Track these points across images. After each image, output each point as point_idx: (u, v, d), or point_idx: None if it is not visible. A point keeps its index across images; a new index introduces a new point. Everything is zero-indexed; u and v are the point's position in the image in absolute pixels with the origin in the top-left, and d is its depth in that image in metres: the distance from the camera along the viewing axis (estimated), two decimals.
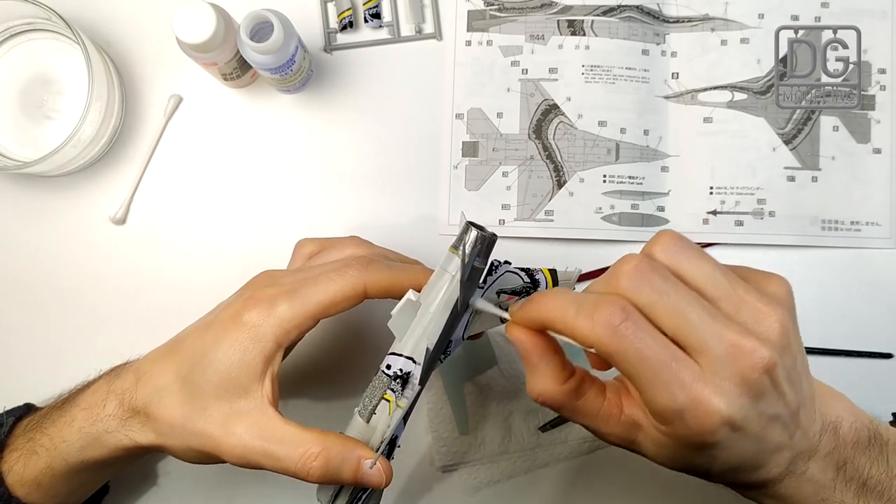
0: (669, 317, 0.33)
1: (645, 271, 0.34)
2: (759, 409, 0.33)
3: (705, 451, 0.34)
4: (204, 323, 0.44)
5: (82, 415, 0.43)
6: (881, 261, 0.58)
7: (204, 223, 0.59)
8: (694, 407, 0.32)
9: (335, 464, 0.40)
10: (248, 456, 0.40)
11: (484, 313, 0.41)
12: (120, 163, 0.59)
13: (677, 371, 0.32)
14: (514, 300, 0.42)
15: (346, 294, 0.42)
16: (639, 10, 0.59)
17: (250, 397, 0.41)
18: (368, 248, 0.49)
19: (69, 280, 0.58)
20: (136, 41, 0.60)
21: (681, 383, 0.32)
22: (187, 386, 0.41)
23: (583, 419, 0.38)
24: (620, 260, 0.35)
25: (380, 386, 0.41)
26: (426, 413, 0.57)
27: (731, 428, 0.33)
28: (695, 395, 0.32)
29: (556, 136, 0.59)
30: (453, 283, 0.40)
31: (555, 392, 0.37)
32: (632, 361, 0.32)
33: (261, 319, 0.41)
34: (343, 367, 0.58)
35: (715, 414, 0.32)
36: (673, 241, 0.35)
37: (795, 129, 0.59)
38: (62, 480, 0.44)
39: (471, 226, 0.39)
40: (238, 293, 0.45)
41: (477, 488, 0.57)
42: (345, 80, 0.60)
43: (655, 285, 0.34)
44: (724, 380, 0.33)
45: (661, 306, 0.33)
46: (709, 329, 0.33)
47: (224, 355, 0.41)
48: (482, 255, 0.39)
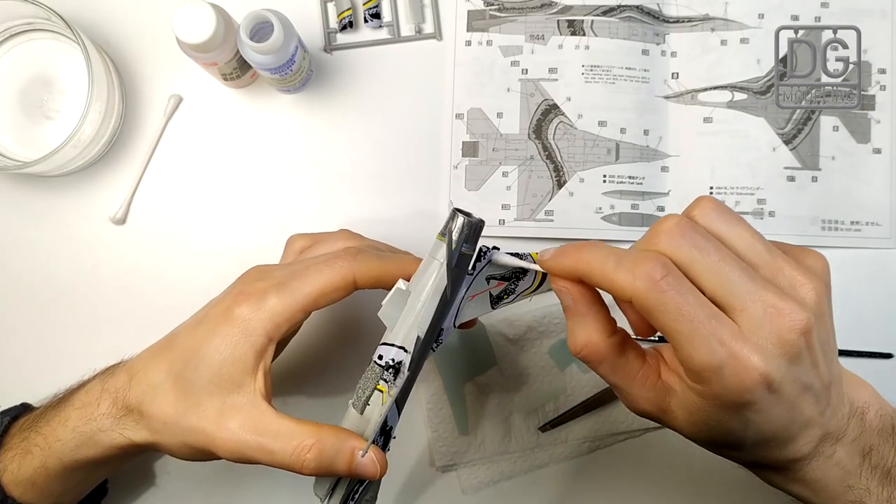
0: (709, 275, 0.34)
1: (685, 229, 0.34)
2: (794, 374, 0.33)
3: (740, 413, 0.34)
4: (196, 319, 0.44)
5: (76, 414, 0.43)
6: (881, 261, 0.58)
7: (204, 223, 0.59)
8: (732, 363, 0.32)
9: (329, 455, 0.40)
10: (242, 450, 0.40)
11: (473, 304, 0.41)
12: (120, 163, 0.59)
13: (716, 327, 0.33)
14: (503, 285, 0.43)
15: (335, 285, 0.42)
16: (639, 10, 0.59)
17: (243, 392, 0.41)
18: (359, 240, 0.49)
19: (69, 280, 0.58)
20: (136, 41, 0.60)
21: (719, 339, 0.32)
22: (180, 383, 0.41)
23: (619, 379, 0.38)
24: (661, 219, 0.35)
25: (372, 377, 0.41)
26: (426, 413, 0.57)
27: (767, 387, 0.33)
28: (733, 350, 0.32)
29: (556, 136, 0.59)
30: (442, 270, 0.40)
31: (601, 344, 0.37)
32: (672, 316, 0.33)
33: (251, 313, 0.41)
34: (336, 361, 0.58)
35: (753, 370, 0.32)
36: (713, 206, 0.36)
37: (795, 129, 0.59)
38: (57, 480, 0.44)
39: (457, 212, 0.39)
40: (229, 288, 0.45)
41: (477, 488, 0.57)
42: (345, 80, 0.60)
43: (696, 243, 0.34)
44: (762, 339, 0.33)
45: (700, 265, 0.34)
46: (748, 289, 0.33)
47: (216, 350, 0.41)
48: (470, 240, 0.39)
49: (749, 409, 0.34)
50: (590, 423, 0.57)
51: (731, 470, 0.57)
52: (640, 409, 0.38)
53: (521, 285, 0.43)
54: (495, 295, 0.43)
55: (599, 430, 0.57)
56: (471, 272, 0.41)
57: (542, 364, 0.58)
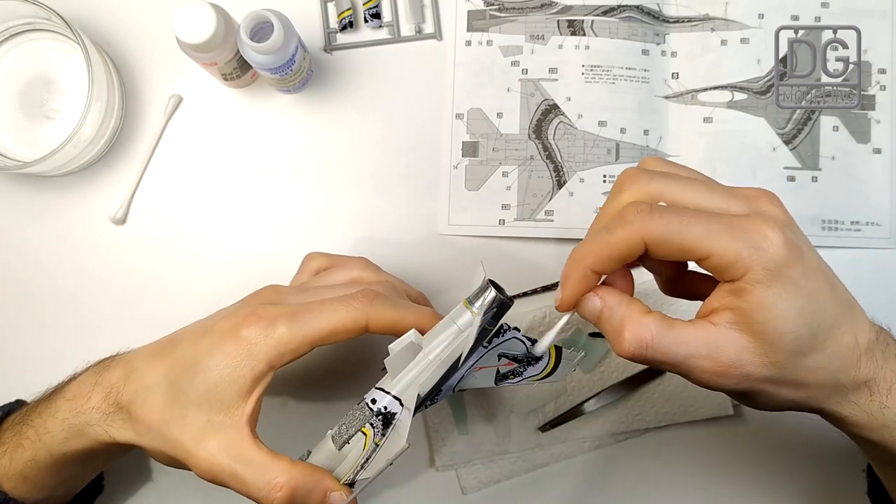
0: (684, 194, 0.36)
1: (641, 171, 0.37)
2: (801, 241, 0.35)
3: (790, 282, 0.34)
4: (202, 329, 0.43)
5: (67, 406, 0.43)
6: (881, 261, 0.58)
7: (204, 223, 0.59)
8: (754, 235, 0.34)
9: (300, 494, 0.40)
10: (214, 472, 0.40)
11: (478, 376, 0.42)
12: (120, 163, 0.59)
13: (722, 220, 0.34)
14: (513, 366, 0.43)
15: (346, 326, 0.42)
16: (639, 10, 0.59)
17: (230, 413, 0.41)
18: (375, 272, 0.49)
19: (69, 280, 0.58)
20: (136, 41, 0.60)
21: (730, 225, 0.34)
22: (172, 389, 0.41)
23: (685, 349, 0.35)
24: (618, 176, 0.38)
25: (360, 417, 0.41)
26: (426, 413, 0.57)
27: (798, 254, 0.34)
28: (746, 227, 0.34)
29: (556, 136, 0.59)
30: (460, 337, 0.40)
31: (655, 331, 0.35)
32: (682, 233, 0.34)
33: (258, 338, 0.41)
34: (332, 378, 0.58)
35: (775, 241, 0.34)
36: (658, 159, 0.39)
37: (795, 129, 0.59)
38: (48, 473, 0.44)
39: (490, 285, 0.39)
40: (241, 304, 0.45)
41: (477, 488, 0.57)
42: (345, 80, 0.60)
43: (657, 176, 0.37)
44: (764, 220, 0.34)
45: (672, 189, 0.36)
46: (722, 197, 0.36)
47: (215, 366, 0.41)
48: (495, 317, 0.39)
49: (792, 294, 0.34)
50: (590, 423, 0.57)
51: (731, 470, 0.57)
52: (711, 376, 0.35)
53: (529, 370, 0.43)
54: (503, 373, 0.43)
55: (599, 430, 0.57)
56: (485, 345, 0.41)
57: None
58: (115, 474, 0.55)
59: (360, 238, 0.58)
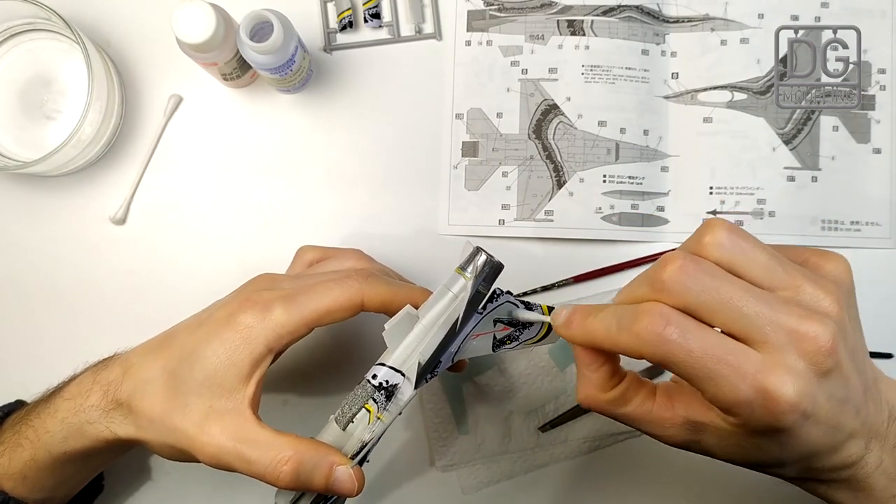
0: (723, 312, 0.33)
1: (690, 272, 0.33)
2: (828, 393, 0.33)
3: (776, 438, 0.33)
4: (197, 320, 0.44)
5: (66, 405, 0.43)
6: (881, 261, 0.58)
7: (203, 223, 0.59)
8: (761, 397, 0.32)
9: (306, 469, 0.40)
10: (220, 456, 0.40)
11: (475, 344, 0.42)
12: (120, 163, 0.59)
13: (736, 364, 0.32)
14: (509, 330, 0.43)
15: (342, 304, 0.42)
16: (639, 10, 0.59)
17: (231, 398, 0.41)
18: (369, 262, 0.49)
19: (69, 280, 0.58)
20: (136, 41, 0.60)
21: (742, 375, 0.32)
22: (172, 381, 0.41)
23: (634, 424, 0.38)
24: (663, 259, 0.34)
25: (362, 395, 0.41)
26: (426, 413, 0.57)
27: (801, 415, 0.32)
28: (759, 384, 0.32)
29: (555, 136, 0.59)
30: (455, 301, 0.40)
31: (598, 400, 0.38)
32: (685, 363, 0.32)
33: (255, 322, 0.41)
34: (331, 373, 0.58)
35: (783, 402, 0.32)
36: (725, 233, 0.34)
37: (795, 129, 0.59)
38: (47, 472, 0.44)
39: (480, 250, 0.39)
40: (235, 293, 0.45)
41: (477, 488, 0.57)
42: (345, 80, 0.60)
43: (703, 284, 0.33)
44: (789, 367, 0.32)
45: (713, 304, 0.33)
46: (767, 319, 0.32)
47: (213, 353, 0.41)
48: (488, 279, 0.40)
49: (785, 435, 0.33)
50: (590, 423, 0.57)
51: (731, 471, 0.57)
52: (669, 443, 0.38)
53: (525, 334, 0.43)
54: (499, 339, 0.43)
55: (599, 430, 0.57)
56: (480, 311, 0.41)
57: (542, 364, 0.58)
58: (115, 474, 0.55)
59: (360, 238, 0.58)
